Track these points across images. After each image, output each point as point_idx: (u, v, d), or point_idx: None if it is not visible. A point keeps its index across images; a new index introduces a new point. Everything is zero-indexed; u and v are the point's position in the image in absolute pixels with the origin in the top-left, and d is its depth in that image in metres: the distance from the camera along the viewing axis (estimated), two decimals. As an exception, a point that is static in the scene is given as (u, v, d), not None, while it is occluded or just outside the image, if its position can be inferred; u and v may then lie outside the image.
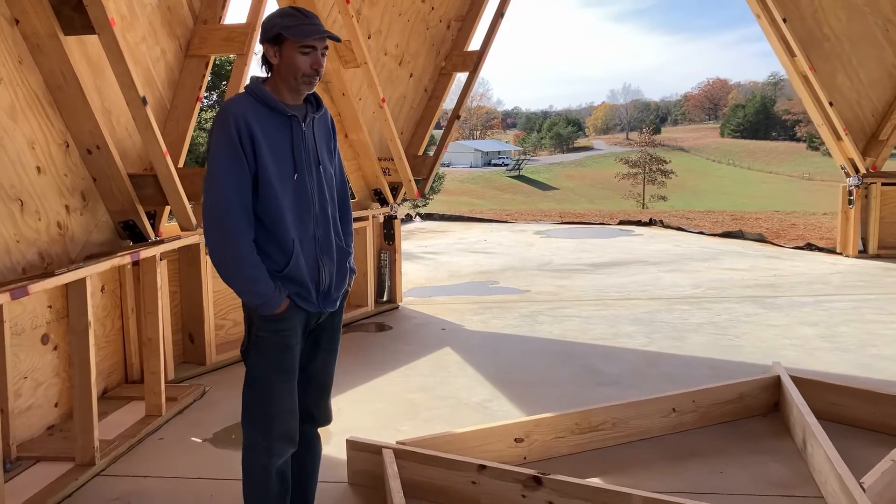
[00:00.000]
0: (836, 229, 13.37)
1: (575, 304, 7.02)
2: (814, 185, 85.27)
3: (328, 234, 2.81)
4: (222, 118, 2.64)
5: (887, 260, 8.59)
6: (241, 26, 5.19)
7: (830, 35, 8.67)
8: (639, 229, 11.88)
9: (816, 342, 5.64)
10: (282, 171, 2.68)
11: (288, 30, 2.62)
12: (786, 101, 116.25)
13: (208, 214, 2.62)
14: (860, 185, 8.74)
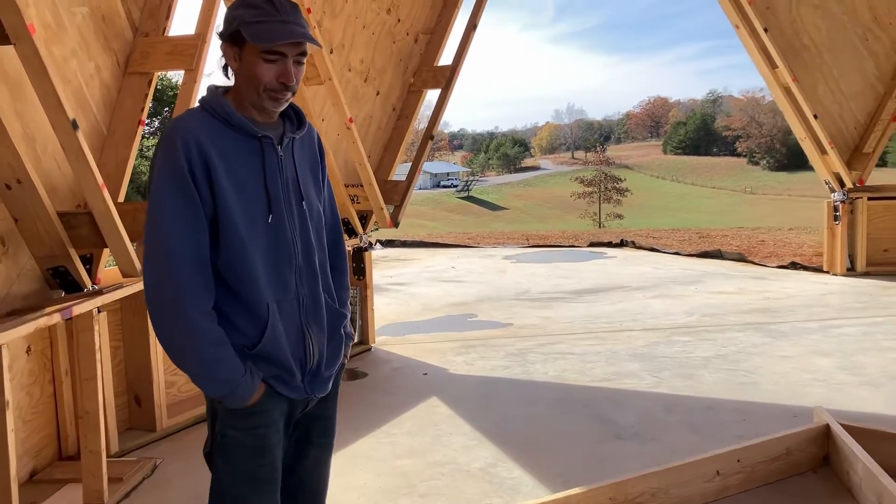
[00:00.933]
0: (806, 245, 13.19)
1: (565, 338, 6.42)
2: (757, 198, 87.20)
3: (316, 292, 2.13)
4: (167, 143, 1.95)
5: (878, 277, 8.22)
6: (189, 38, 4.50)
7: (810, 45, 8.33)
8: (611, 251, 11.39)
9: (839, 375, 5.13)
10: (251, 211, 2.00)
11: (248, 27, 1.96)
12: (725, 117, 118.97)
13: (151, 276, 1.93)
14: (846, 200, 8.36)
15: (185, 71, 4.48)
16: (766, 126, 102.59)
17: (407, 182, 6.43)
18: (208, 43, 4.51)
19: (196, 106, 2.08)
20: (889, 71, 8.43)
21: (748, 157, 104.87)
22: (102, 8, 4.32)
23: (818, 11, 8.29)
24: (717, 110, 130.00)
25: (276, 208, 2.04)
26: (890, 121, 8.30)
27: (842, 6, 8.31)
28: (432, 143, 6.87)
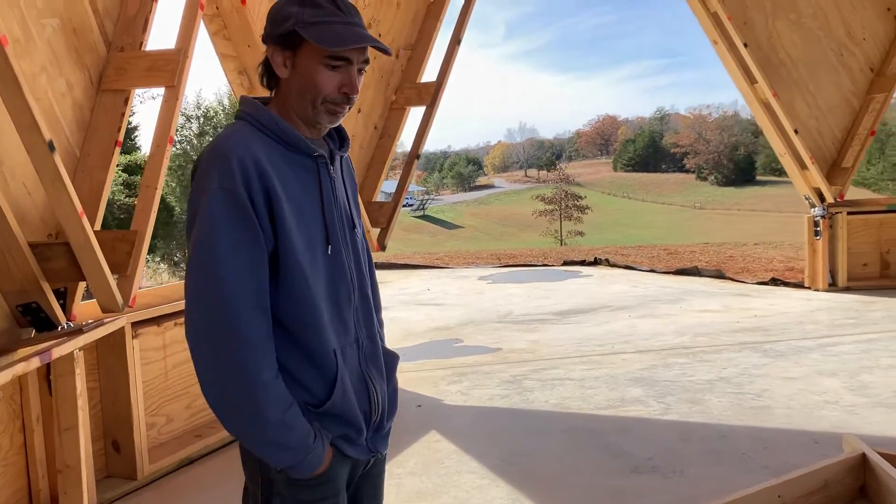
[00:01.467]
0: (776, 260, 13.24)
1: (559, 363, 6.18)
2: (706, 213, 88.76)
3: (373, 333, 1.86)
4: (219, 162, 1.64)
5: (860, 292, 8.18)
6: (169, 52, 4.17)
7: (787, 60, 8.31)
8: (586, 269, 11.24)
9: (849, 397, 4.98)
10: (311, 242, 1.72)
11: (311, 28, 1.68)
12: (672, 134, 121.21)
13: (204, 325, 1.62)
14: (826, 215, 8.33)
15: (166, 88, 4.15)
16: (712, 143, 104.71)
17: (393, 203, 6.15)
18: (190, 58, 4.19)
19: (240, 121, 1.79)
20: (864, 86, 8.45)
21: (696, 173, 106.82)
22: (74, 20, 3.98)
23: (794, 27, 8.28)
24: (664, 128, 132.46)
25: (334, 238, 1.77)
26: (867, 135, 8.31)
27: (817, 22, 8.32)
28: (418, 162, 6.60)
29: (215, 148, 1.69)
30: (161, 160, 4.00)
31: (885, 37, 8.39)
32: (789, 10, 8.26)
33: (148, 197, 3.96)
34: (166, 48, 4.22)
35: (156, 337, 4.46)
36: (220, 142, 1.70)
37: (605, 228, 70.46)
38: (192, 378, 4.67)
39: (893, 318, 7.03)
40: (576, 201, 64.51)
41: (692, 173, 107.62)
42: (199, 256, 1.62)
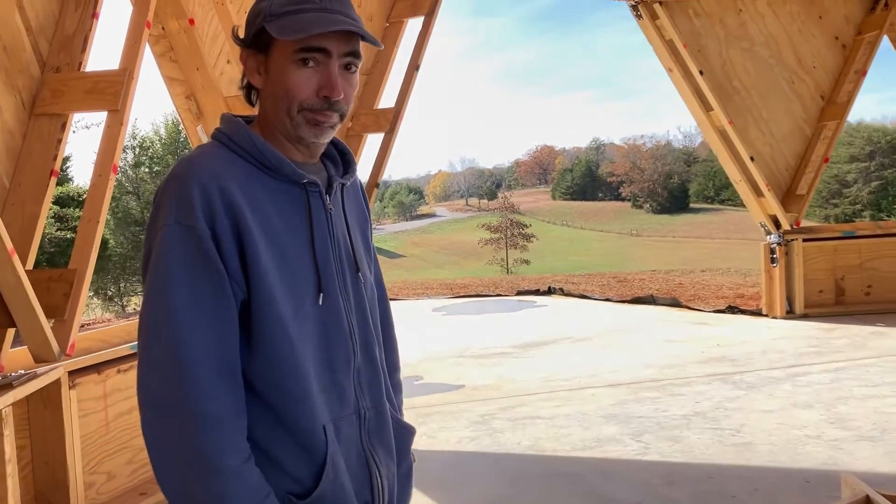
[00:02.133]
0: (725, 287, 13.28)
1: (526, 400, 5.91)
2: (643, 240, 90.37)
3: (380, 402, 1.54)
4: (177, 193, 1.33)
5: (818, 319, 8.15)
6: (112, 74, 3.82)
7: (740, 88, 8.32)
8: (541, 300, 11.04)
9: (830, 430, 4.83)
10: (296, 290, 1.40)
11: (276, 21, 1.38)
12: (608, 163, 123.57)
13: (158, 401, 1.30)
14: (782, 242, 8.31)
15: (108, 112, 3.78)
16: (647, 171, 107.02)
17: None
18: (136, 79, 3.84)
19: (210, 142, 1.47)
20: (815, 113, 8.52)
21: (632, 201, 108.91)
22: (3, 38, 3.61)
23: (747, 55, 8.31)
24: (600, 157, 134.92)
25: (328, 284, 1.45)
26: (821, 162, 8.35)
27: (769, 50, 8.37)
28: (377, 190, 6.31)
29: (174, 174, 1.38)
30: (104, 191, 3.62)
31: (834, 65, 8.48)
32: (742, 38, 8.29)
33: (89, 231, 3.58)
34: (109, 69, 3.86)
35: (95, 386, 4.03)
36: (182, 167, 1.39)
37: (547, 256, 71.01)
38: (135, 429, 4.25)
39: (856, 345, 6.99)
40: (521, 230, 64.91)
41: (628, 201, 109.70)
42: (150, 310, 1.31)
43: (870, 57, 8.29)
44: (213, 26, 4.98)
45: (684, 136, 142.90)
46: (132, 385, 4.40)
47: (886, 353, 6.61)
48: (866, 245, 8.33)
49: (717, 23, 8.23)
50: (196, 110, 4.97)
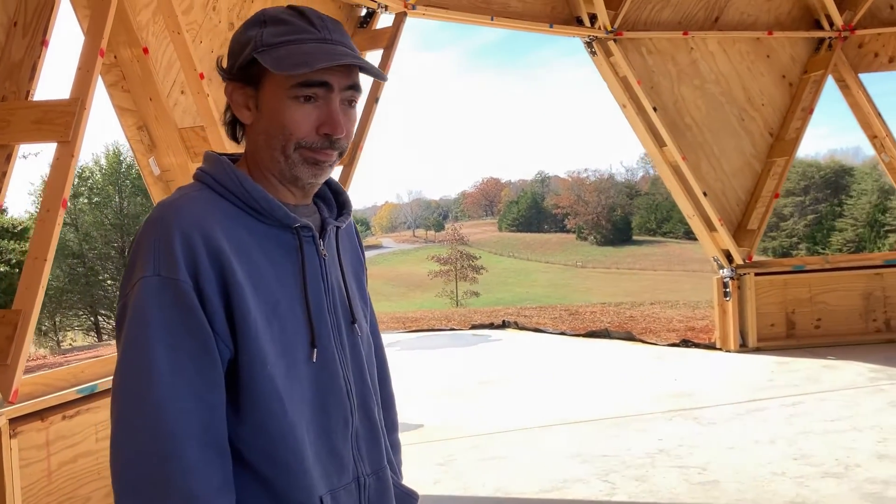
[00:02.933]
0: (675, 320, 13.40)
1: (491, 439, 5.79)
2: (588, 272, 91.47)
3: (380, 468, 1.42)
4: (156, 241, 1.21)
5: (770, 353, 8.23)
6: (62, 103, 3.64)
7: (692, 125, 8.45)
8: (495, 333, 10.96)
9: (794, 466, 4.82)
10: (287, 347, 1.28)
11: (270, 52, 1.27)
12: (553, 196, 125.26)
13: (134, 476, 1.15)
14: (734, 276, 8.40)
15: (58, 143, 3.59)
16: (591, 204, 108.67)
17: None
18: (88, 109, 3.66)
19: (192, 183, 1.34)
20: (764, 149, 8.69)
21: (577, 233, 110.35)
22: (-55, 64, 3.41)
23: (698, 92, 8.46)
24: (545, 190, 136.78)
25: (323, 338, 1.33)
26: (771, 198, 8.50)
27: (719, 87, 8.53)
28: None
29: (153, 219, 1.25)
30: (52, 227, 3.41)
31: (782, 103, 8.68)
32: (693, 76, 8.44)
33: (35, 270, 3.36)
34: (59, 98, 3.68)
35: (38, 433, 3.78)
36: (162, 211, 1.26)
37: (495, 287, 71.22)
38: (79, 479, 4.00)
39: (810, 379, 7.06)
40: (471, 261, 65.02)
41: (573, 233, 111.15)
42: (125, 373, 1.18)
43: (816, 95, 8.51)
44: (167, 56, 4.82)
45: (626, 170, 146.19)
46: (77, 432, 4.16)
47: (841, 387, 6.68)
48: (815, 279, 8.48)
49: (670, 60, 8.36)
50: (148, 141, 4.78)
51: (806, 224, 71.01)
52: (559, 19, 7.78)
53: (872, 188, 66.56)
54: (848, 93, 8.62)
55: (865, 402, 6.16)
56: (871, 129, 8.64)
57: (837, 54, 8.46)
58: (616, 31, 7.92)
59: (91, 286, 34.18)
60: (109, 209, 35.37)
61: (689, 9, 8.30)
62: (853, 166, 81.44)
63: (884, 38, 8.69)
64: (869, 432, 5.39)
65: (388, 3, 6.26)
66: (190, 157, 4.77)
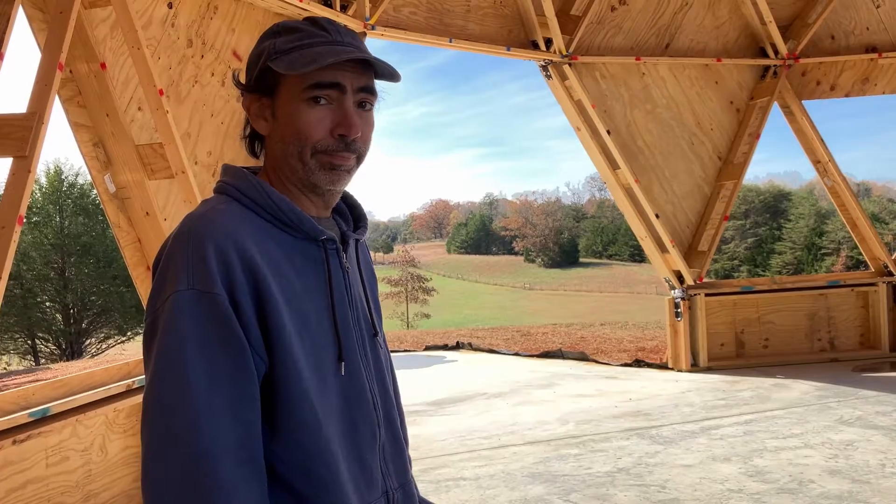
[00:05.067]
0: (626, 340, 13.58)
1: (447, 460, 5.76)
2: (535, 293, 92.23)
3: (406, 481, 1.42)
4: (189, 254, 1.18)
5: (721, 372, 8.39)
6: (18, 117, 3.54)
7: (644, 148, 8.62)
8: (450, 354, 10.95)
9: (751, 483, 4.90)
10: (319, 360, 1.27)
11: (282, 57, 1.27)
12: (502, 218, 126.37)
13: (166, 490, 1.11)
14: (685, 297, 8.56)
15: (14, 158, 3.49)
16: (539, 227, 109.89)
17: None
18: (46, 123, 3.57)
19: (217, 196, 1.32)
20: (713, 173, 8.91)
21: (524, 256, 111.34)
22: None
23: (650, 116, 8.64)
24: (494, 212, 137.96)
25: (350, 351, 1.31)
26: (721, 220, 8.70)
27: (669, 112, 8.73)
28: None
29: (184, 231, 1.22)
30: (8, 244, 3.31)
31: (730, 128, 8.93)
32: (645, 100, 8.62)
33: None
34: (14, 112, 3.58)
35: (-14, 459, 3.64)
36: (192, 223, 1.23)
37: (445, 309, 71.22)
38: None
39: (760, 397, 7.21)
40: (422, 283, 64.92)
41: (521, 255, 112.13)
42: (158, 390, 1.13)
43: (762, 121, 8.77)
44: (124, 71, 4.74)
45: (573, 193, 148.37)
46: (27, 457, 4.01)
47: (790, 405, 6.83)
48: (763, 300, 8.69)
49: (622, 85, 8.54)
50: (104, 158, 4.68)
51: (747, 247, 72.90)
52: (515, 43, 7.89)
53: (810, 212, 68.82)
54: (792, 119, 8.91)
55: (815, 420, 6.31)
56: (815, 154, 8.93)
57: (782, 81, 8.75)
58: (571, 55, 8.07)
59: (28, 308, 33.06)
60: (49, 228, 34.33)
61: (641, 35, 8.50)
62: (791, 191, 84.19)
63: (825, 66, 9.03)
64: (820, 448, 5.52)
65: (348, 23, 6.27)
66: (147, 175, 4.68)
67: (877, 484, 4.77)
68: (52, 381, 4.14)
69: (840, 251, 61.77)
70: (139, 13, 4.81)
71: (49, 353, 33.15)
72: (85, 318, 33.61)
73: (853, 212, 8.98)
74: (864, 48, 8.90)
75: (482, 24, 7.61)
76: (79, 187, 35.08)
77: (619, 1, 8.37)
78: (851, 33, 8.91)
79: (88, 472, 4.13)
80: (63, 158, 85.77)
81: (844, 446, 5.55)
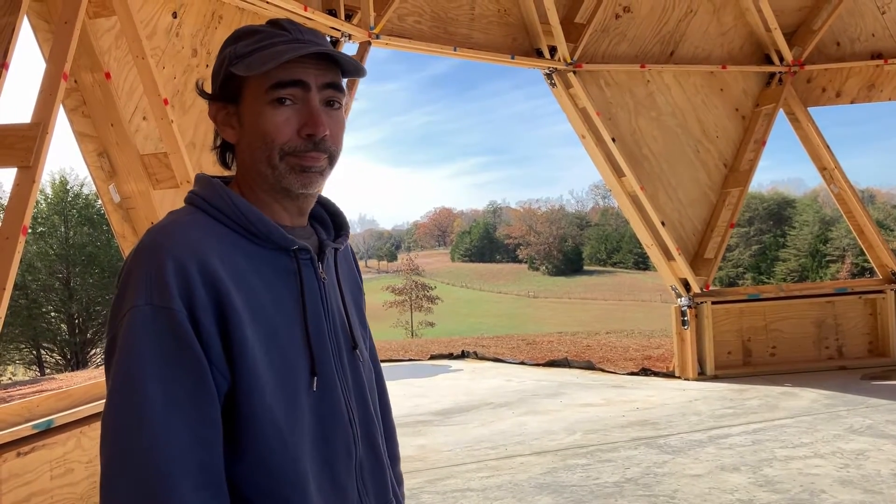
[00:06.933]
0: (631, 349, 13.51)
1: (454, 471, 5.71)
2: (540, 302, 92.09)
3: (386, 500, 1.36)
4: (147, 268, 1.15)
5: (728, 381, 8.33)
6: (23, 127, 3.53)
7: (649, 155, 8.59)
8: (455, 363, 10.91)
9: (762, 494, 4.85)
10: (287, 377, 1.22)
11: (244, 60, 1.24)
12: (505, 226, 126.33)
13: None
14: (692, 305, 8.51)
15: (19, 169, 3.47)
16: (543, 234, 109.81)
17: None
18: (50, 133, 3.56)
19: (183, 207, 1.29)
20: (719, 180, 8.87)
21: (528, 264, 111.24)
22: None
23: (655, 123, 8.61)
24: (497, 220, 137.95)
25: (324, 366, 1.27)
26: (727, 227, 8.66)
27: (675, 119, 8.70)
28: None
29: (144, 246, 1.19)
30: (12, 255, 3.29)
31: (736, 135, 8.90)
32: (650, 108, 8.60)
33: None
34: (19, 122, 3.56)
35: (-10, 472, 3.61)
36: (152, 236, 1.20)
37: (448, 318, 71.13)
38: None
39: (769, 406, 7.15)
40: (426, 292, 64.76)
41: (525, 263, 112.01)
42: (115, 409, 1.10)
43: (768, 128, 8.74)
44: (129, 81, 4.73)
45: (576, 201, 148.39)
46: (31, 469, 3.98)
47: (799, 414, 6.78)
48: (770, 307, 8.64)
49: (627, 93, 8.52)
50: (109, 168, 4.67)
51: (751, 254, 72.77)
52: (520, 51, 7.88)
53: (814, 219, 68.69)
54: (798, 126, 8.88)
55: (824, 429, 6.26)
56: (821, 161, 8.89)
57: (788, 88, 8.72)
58: (575, 63, 8.05)
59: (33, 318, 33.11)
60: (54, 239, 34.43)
61: (646, 43, 8.49)
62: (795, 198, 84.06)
63: (830, 73, 9.00)
64: (831, 458, 5.47)
65: (353, 32, 6.27)
66: (152, 184, 4.66)
67: (889, 494, 4.71)
68: (57, 393, 4.12)
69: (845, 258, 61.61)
70: (144, 23, 4.81)
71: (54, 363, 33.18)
72: (90, 328, 33.64)
73: (860, 218, 8.93)
74: (869, 54, 8.87)
75: (486, 33, 7.60)
76: (84, 197, 35.18)
77: (623, 9, 8.36)
78: (857, 39, 8.88)
79: (93, 483, 4.09)
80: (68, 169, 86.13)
81: (855, 456, 5.50)
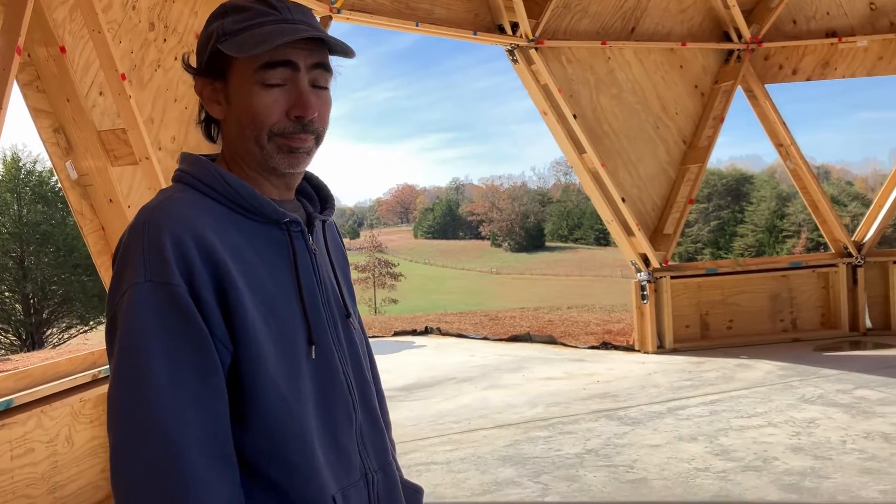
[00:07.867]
0: (592, 323, 13.72)
1: (418, 445, 5.77)
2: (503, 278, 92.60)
3: (386, 462, 1.41)
4: (146, 246, 1.16)
5: (687, 353, 8.51)
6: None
7: (610, 132, 8.67)
8: (419, 339, 10.96)
9: (717, 462, 4.99)
10: (287, 346, 1.25)
11: (233, 38, 1.25)
12: (468, 203, 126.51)
13: (136, 487, 1.10)
14: (651, 280, 8.65)
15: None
16: (505, 211, 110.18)
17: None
18: (4, 110, 3.49)
19: (174, 185, 1.30)
20: (678, 157, 8.99)
21: (491, 240, 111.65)
22: None
23: (615, 101, 8.69)
24: (460, 197, 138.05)
25: (320, 334, 1.30)
26: (686, 203, 8.80)
27: (635, 97, 8.78)
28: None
29: (139, 223, 1.20)
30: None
31: (695, 111, 9.01)
32: (611, 85, 8.67)
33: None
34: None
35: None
36: (147, 214, 1.21)
37: (412, 295, 71.20)
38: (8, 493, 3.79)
39: (725, 377, 7.33)
40: (389, 269, 64.74)
41: (487, 240, 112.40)
42: (121, 387, 1.12)
43: (726, 105, 8.86)
44: (85, 55, 4.64)
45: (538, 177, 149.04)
46: None
47: (754, 385, 6.96)
48: (728, 281, 8.82)
49: (588, 69, 8.57)
50: (65, 144, 4.58)
51: (710, 230, 73.91)
52: (482, 27, 7.87)
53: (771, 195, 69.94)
54: (756, 103, 9.02)
55: (778, 399, 6.44)
56: (777, 137, 9.06)
57: (746, 66, 8.85)
58: (537, 39, 8.07)
59: (-14, 298, 32.45)
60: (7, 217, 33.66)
61: (607, 19, 8.53)
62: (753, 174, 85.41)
63: (787, 50, 9.15)
64: (783, 427, 5.64)
65: (314, 7, 6.20)
66: (110, 161, 4.59)
67: (838, 460, 4.89)
68: (16, 373, 4.07)
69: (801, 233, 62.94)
70: (99, -5, 4.71)
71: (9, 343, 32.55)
72: (46, 307, 33.07)
73: (814, 194, 9.13)
74: (824, 33, 9.03)
75: (449, 8, 7.57)
76: (37, 174, 34.41)
77: (585, -16, 8.38)
78: (812, 18, 9.02)
79: (54, 463, 4.07)
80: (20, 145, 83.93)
81: (807, 424, 5.68)
